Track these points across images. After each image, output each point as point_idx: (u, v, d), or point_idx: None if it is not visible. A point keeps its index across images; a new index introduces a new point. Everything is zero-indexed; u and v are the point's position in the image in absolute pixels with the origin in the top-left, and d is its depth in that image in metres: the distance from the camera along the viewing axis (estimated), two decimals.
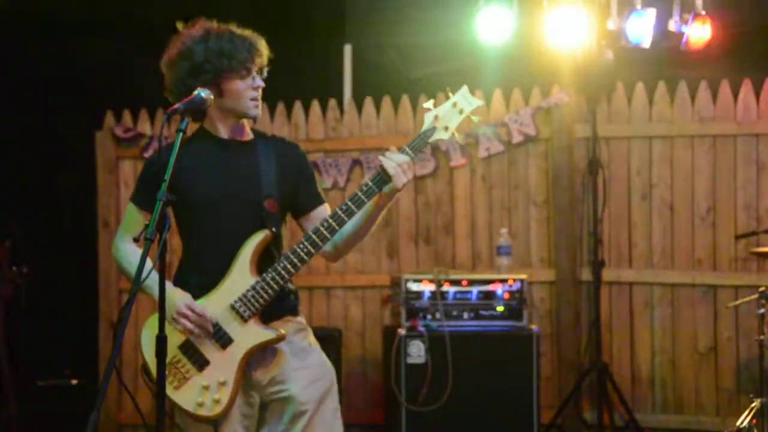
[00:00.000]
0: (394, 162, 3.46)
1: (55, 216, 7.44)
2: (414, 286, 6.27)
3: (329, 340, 6.43)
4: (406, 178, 3.48)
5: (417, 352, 6.10)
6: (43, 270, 6.94)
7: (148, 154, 6.90)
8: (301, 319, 3.81)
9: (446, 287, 6.29)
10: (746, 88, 6.97)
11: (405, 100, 7.15)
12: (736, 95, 7.00)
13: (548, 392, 6.78)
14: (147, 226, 3.21)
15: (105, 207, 7.22)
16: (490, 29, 6.77)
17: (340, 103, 7.46)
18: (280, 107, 7.40)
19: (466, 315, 6.28)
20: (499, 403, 6.14)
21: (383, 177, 3.48)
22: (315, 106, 7.37)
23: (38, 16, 7.23)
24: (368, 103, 7.34)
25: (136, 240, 3.57)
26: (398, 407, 6.09)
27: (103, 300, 7.12)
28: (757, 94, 6.96)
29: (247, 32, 3.73)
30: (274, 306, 3.64)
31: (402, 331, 6.11)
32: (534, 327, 6.31)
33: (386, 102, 7.29)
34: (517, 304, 6.31)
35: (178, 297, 3.49)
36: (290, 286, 3.78)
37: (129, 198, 3.83)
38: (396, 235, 7.31)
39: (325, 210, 3.78)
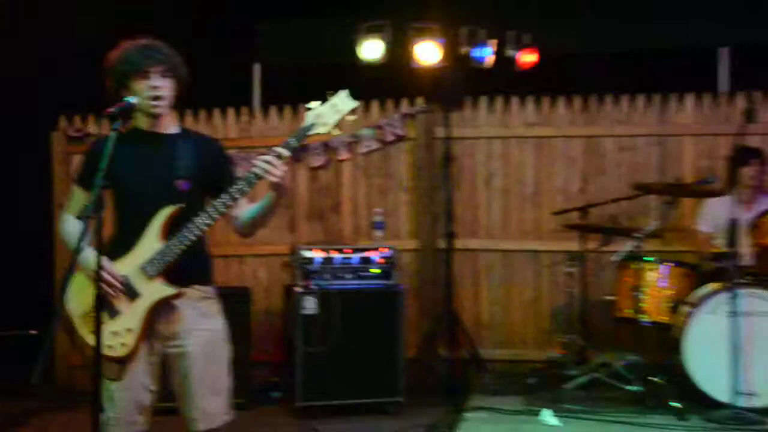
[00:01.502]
0: (263, 164, 3.40)
1: (15, 198, 7.19)
2: (308, 254, 6.24)
3: (242, 297, 6.44)
4: (278, 171, 3.41)
5: (310, 305, 6.07)
6: (8, 240, 6.96)
7: None
8: (209, 288, 3.71)
9: (333, 254, 6.27)
10: (561, 101, 7.24)
11: (302, 107, 7.04)
12: (554, 106, 7.27)
13: (412, 334, 6.79)
14: (86, 206, 3.23)
15: (59, 192, 7.09)
16: (369, 52, 6.82)
17: (251, 110, 7.50)
18: (203, 113, 7.41)
19: (348, 276, 6.26)
20: (374, 343, 6.14)
21: (256, 174, 3.39)
22: (230, 112, 7.42)
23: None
24: (273, 110, 7.42)
25: (79, 217, 3.56)
26: (295, 349, 6.04)
27: (59, 263, 6.93)
28: (569, 106, 7.23)
29: (153, 42, 3.63)
30: (183, 273, 3.54)
31: (298, 289, 6.09)
32: (401, 285, 6.30)
33: (287, 109, 7.38)
34: (388, 267, 6.31)
35: (91, 256, 3.34)
36: (203, 257, 3.71)
37: (73, 181, 3.72)
38: (295, 214, 7.36)
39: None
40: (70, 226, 3.63)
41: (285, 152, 3.46)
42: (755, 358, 5.26)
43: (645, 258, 5.89)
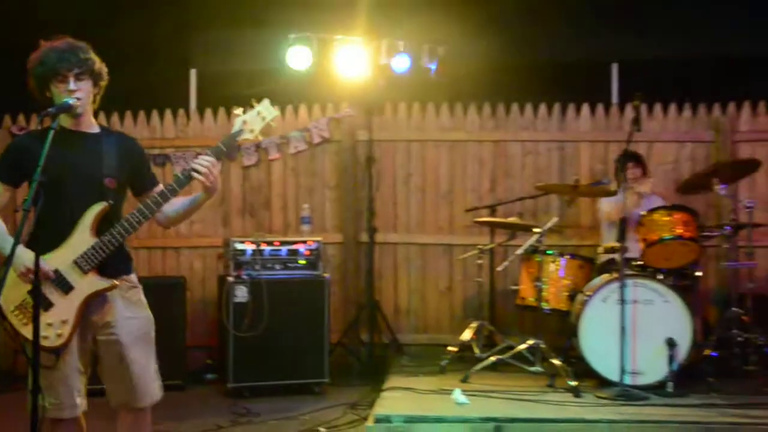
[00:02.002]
0: (203, 164, 3.45)
1: None
2: (240, 246, 6.19)
3: (178, 286, 6.44)
4: (210, 169, 3.44)
5: (241, 294, 6.05)
6: None
7: None
8: (133, 277, 3.66)
9: (263, 246, 6.23)
10: (472, 108, 7.31)
11: (234, 110, 6.98)
12: (466, 112, 7.33)
13: (336, 320, 6.84)
14: (25, 200, 3.11)
15: None
16: (297, 61, 6.75)
17: (188, 112, 7.40)
18: (142, 115, 7.30)
19: (277, 266, 6.23)
20: (301, 329, 6.15)
21: (190, 173, 3.44)
22: (168, 114, 7.32)
23: None
24: (208, 112, 7.34)
25: (15, 211, 3.33)
26: (228, 334, 6.01)
27: None
28: (480, 112, 7.31)
29: (71, 44, 3.50)
30: (111, 266, 3.50)
31: (231, 279, 6.08)
32: (327, 275, 6.31)
33: (221, 112, 7.30)
34: (314, 259, 6.30)
35: (25, 256, 3.28)
36: (126, 250, 3.64)
37: None
38: (229, 209, 7.30)
39: (160, 189, 3.62)
40: None
41: (222, 149, 3.54)
42: (640, 342, 5.33)
43: (546, 251, 5.94)
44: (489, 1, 7.20)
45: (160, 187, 3.65)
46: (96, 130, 3.63)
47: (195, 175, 3.45)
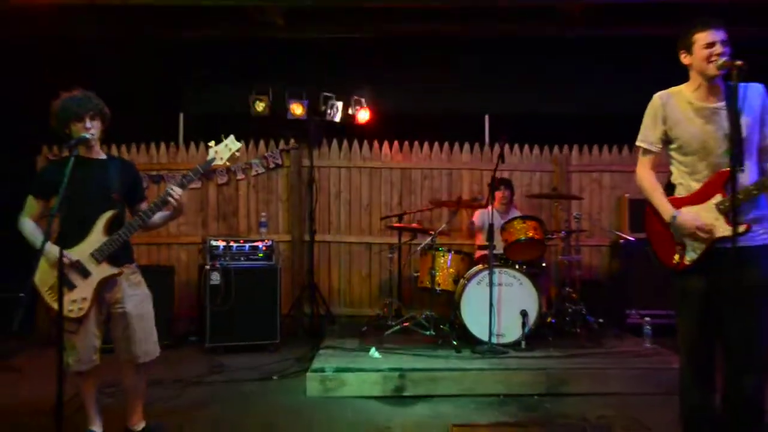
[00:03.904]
0: (172, 194, 3.47)
1: (13, 202, 6.70)
2: (215, 243, 6.14)
3: (169, 273, 6.40)
4: (178, 197, 3.47)
5: (215, 278, 6.00)
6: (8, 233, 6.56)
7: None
8: (134, 265, 3.66)
9: (232, 243, 6.17)
10: (385, 145, 7.31)
11: (209, 143, 6.92)
12: (381, 147, 7.34)
13: (286, 298, 6.72)
14: (52, 208, 3.16)
15: None
16: (258, 107, 6.75)
17: (177, 145, 7.29)
18: (143, 146, 7.18)
19: (242, 258, 6.18)
20: (260, 305, 6.08)
21: (165, 198, 3.47)
22: (162, 145, 7.22)
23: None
24: (192, 145, 7.24)
25: (35, 219, 3.50)
26: (205, 307, 5.97)
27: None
28: (391, 147, 7.29)
29: (85, 93, 3.49)
30: (118, 257, 3.52)
31: (207, 267, 6.02)
32: (278, 265, 6.26)
33: (201, 145, 7.18)
34: (269, 253, 6.25)
35: (54, 251, 3.31)
36: (129, 245, 3.62)
37: (29, 192, 3.54)
38: (207, 215, 7.20)
39: (145, 203, 3.66)
40: (28, 224, 3.52)
41: (194, 178, 3.58)
42: (503, 313, 5.43)
43: (438, 248, 5.96)
44: (398, 68, 7.25)
45: (146, 203, 3.67)
46: (103, 156, 3.63)
47: (168, 199, 3.50)
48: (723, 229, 3.10)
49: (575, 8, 6.53)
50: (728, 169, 3.01)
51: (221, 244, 6.21)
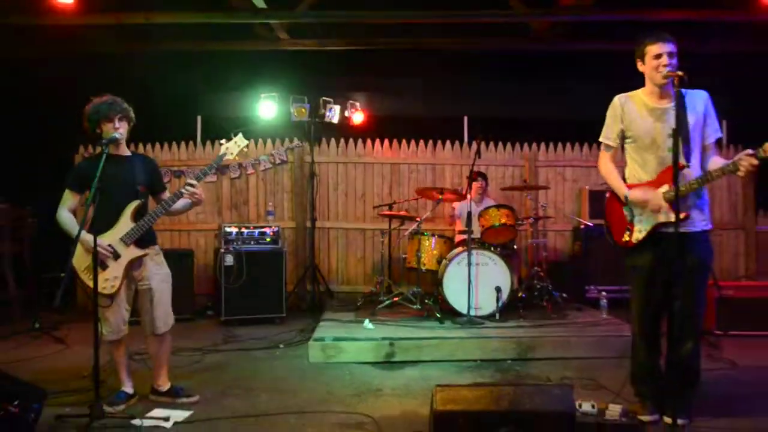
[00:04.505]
0: (191, 186, 3.48)
1: (52, 197, 6.67)
2: (228, 229, 6.12)
3: (189, 256, 6.37)
4: (198, 191, 3.49)
5: (230, 260, 5.98)
6: (50, 223, 6.60)
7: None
8: (157, 246, 3.65)
9: (243, 230, 6.16)
10: (377, 142, 7.24)
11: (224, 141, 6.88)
12: (373, 144, 7.27)
13: (290, 277, 6.75)
14: (87, 199, 3.20)
15: None
16: (266, 111, 6.70)
17: (195, 143, 7.24)
18: (166, 144, 7.13)
19: (252, 242, 6.14)
20: (269, 282, 6.06)
21: (182, 191, 3.47)
22: (183, 144, 7.17)
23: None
24: (208, 143, 7.19)
25: (71, 210, 3.48)
26: (220, 286, 5.95)
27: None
28: (382, 144, 7.24)
29: (113, 98, 3.48)
30: (144, 241, 3.54)
31: (222, 250, 6.00)
32: (284, 248, 6.21)
33: (217, 143, 7.07)
34: (276, 238, 6.22)
35: (88, 237, 3.33)
36: (153, 230, 3.61)
37: (66, 186, 3.51)
38: (221, 205, 7.12)
39: (166, 193, 3.68)
40: (65, 214, 3.49)
41: (209, 172, 3.59)
42: (480, 289, 5.41)
43: (424, 233, 5.91)
44: (388, 75, 7.25)
45: (167, 193, 3.67)
46: (128, 153, 3.63)
47: (185, 191, 3.51)
48: (666, 216, 3.16)
49: (544, 25, 6.59)
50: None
51: (234, 230, 6.20)
